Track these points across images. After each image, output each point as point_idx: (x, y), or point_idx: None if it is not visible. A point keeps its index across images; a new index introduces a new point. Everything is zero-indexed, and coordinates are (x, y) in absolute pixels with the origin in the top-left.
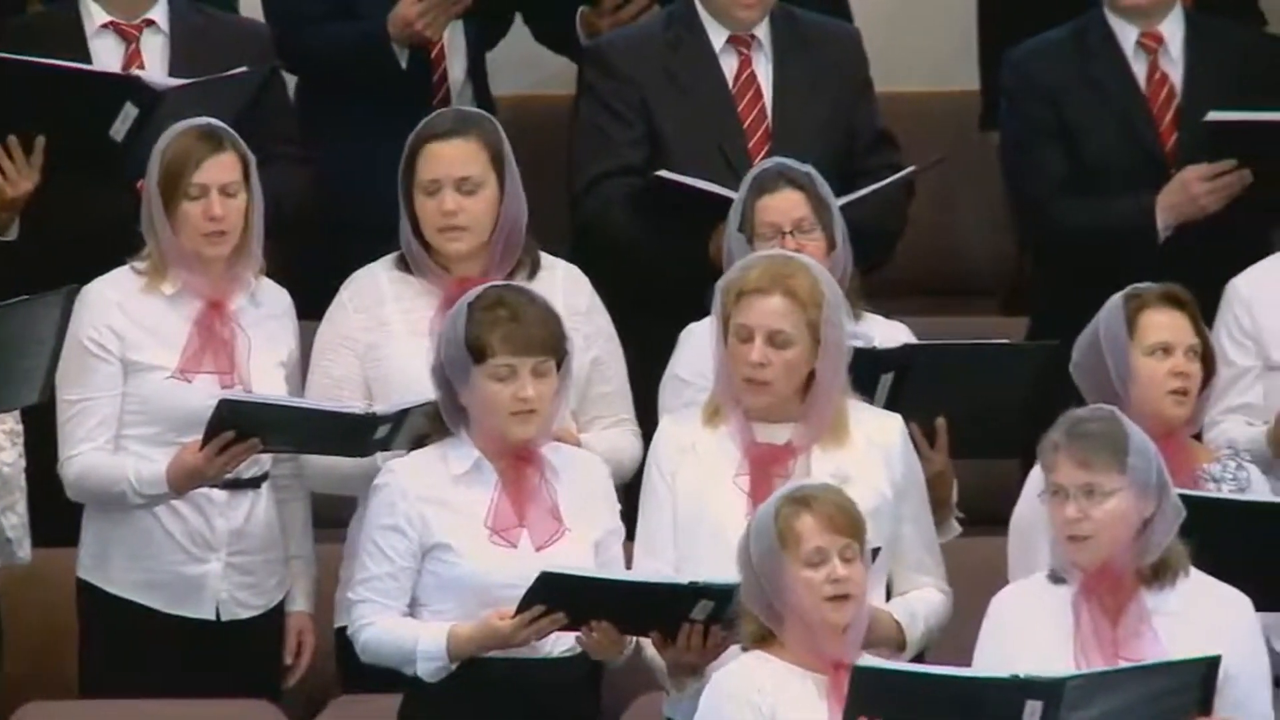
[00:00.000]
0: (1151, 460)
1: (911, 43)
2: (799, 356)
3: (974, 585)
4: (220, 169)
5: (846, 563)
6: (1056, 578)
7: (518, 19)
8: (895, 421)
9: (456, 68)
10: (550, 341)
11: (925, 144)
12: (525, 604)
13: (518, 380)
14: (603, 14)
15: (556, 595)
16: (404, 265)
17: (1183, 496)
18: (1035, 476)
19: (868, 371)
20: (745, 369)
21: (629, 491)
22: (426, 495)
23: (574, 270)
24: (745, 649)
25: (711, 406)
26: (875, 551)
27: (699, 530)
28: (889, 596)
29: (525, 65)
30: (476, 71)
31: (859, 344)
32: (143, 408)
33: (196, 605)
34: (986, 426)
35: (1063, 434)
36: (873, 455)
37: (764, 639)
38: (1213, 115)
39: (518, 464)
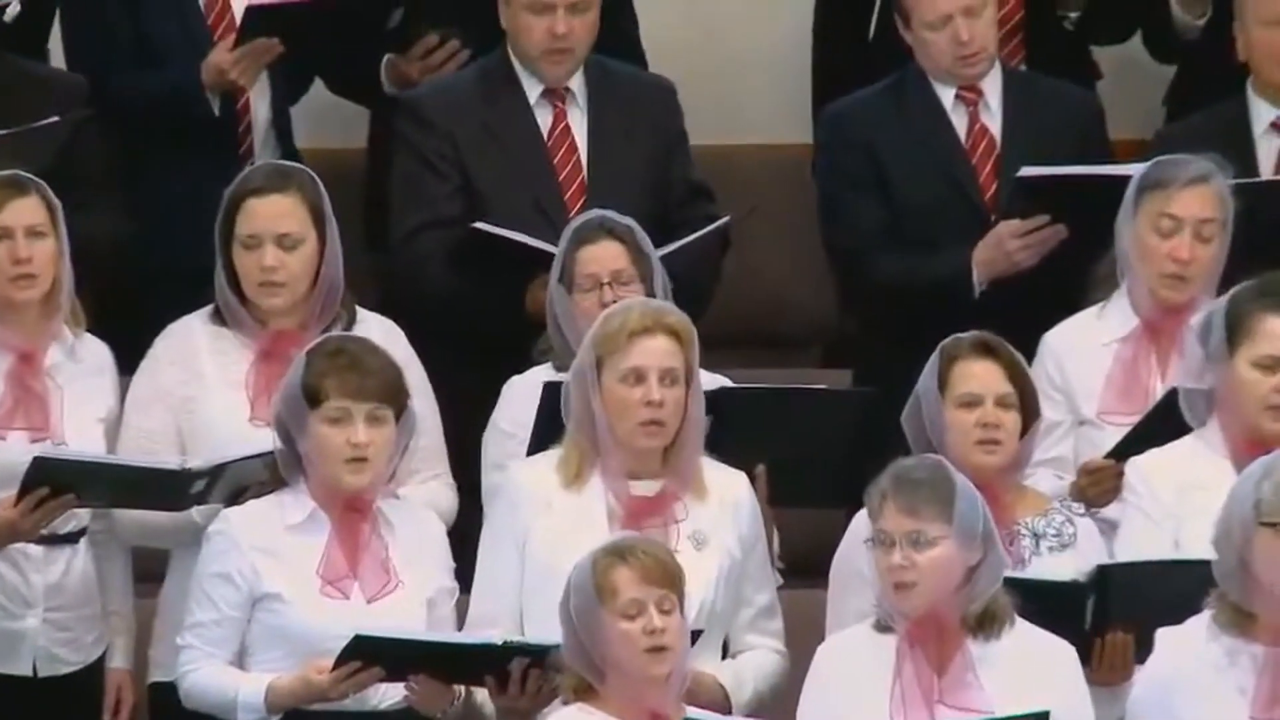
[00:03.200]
0: (978, 510)
1: (747, 97)
2: (682, 397)
3: (797, 637)
4: (24, 211)
5: (664, 614)
6: (882, 626)
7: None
8: (743, 479)
9: (261, 116)
10: (387, 390)
11: (758, 198)
12: (340, 663)
13: (352, 425)
14: (411, 60)
15: (372, 655)
16: (219, 318)
17: None
18: (855, 525)
19: None
20: (643, 412)
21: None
22: (259, 544)
23: (389, 324)
24: (566, 702)
25: (574, 465)
26: (696, 634)
27: (552, 589)
28: (724, 655)
29: (315, 119)
30: (281, 121)
31: None
32: None
33: (14, 661)
34: (809, 475)
35: (890, 481)
36: (725, 514)
37: (584, 691)
38: (1025, 171)
39: (350, 515)
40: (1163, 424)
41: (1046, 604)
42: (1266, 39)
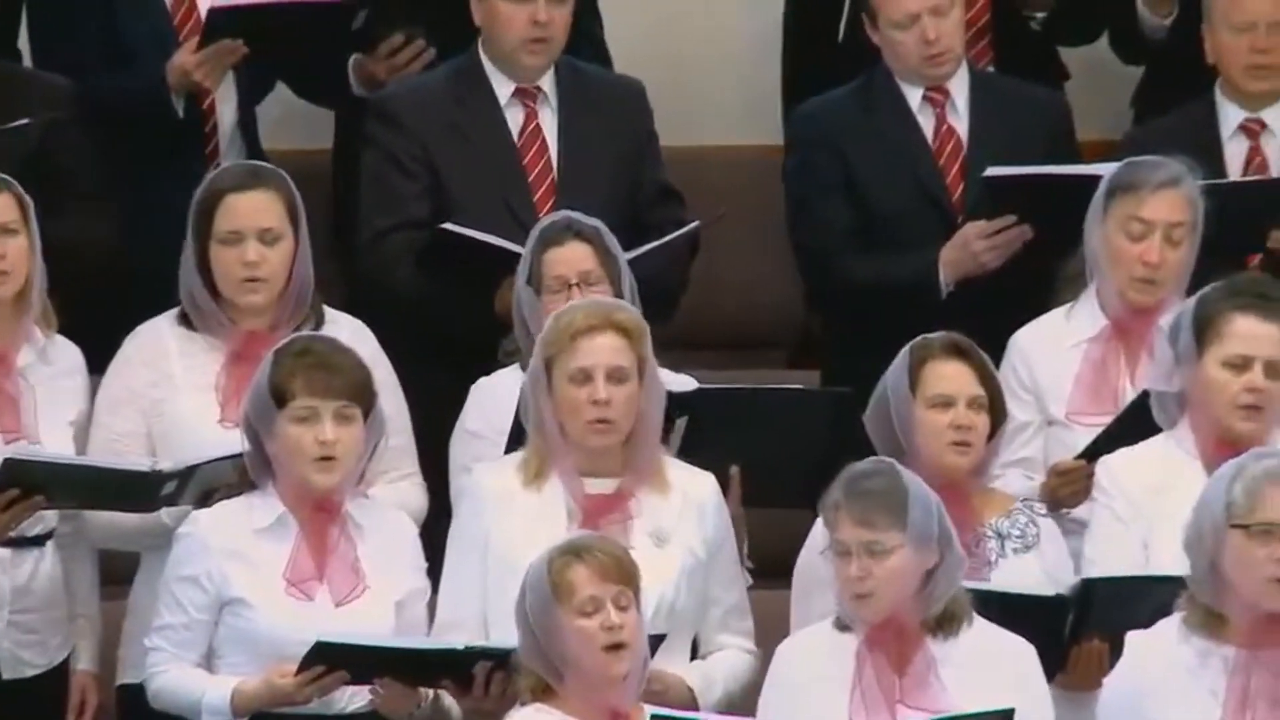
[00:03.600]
0: (933, 513)
1: (715, 98)
2: (634, 393)
3: (767, 637)
4: None
5: (621, 610)
6: (842, 625)
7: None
8: (709, 479)
9: (227, 119)
10: (354, 388)
11: (725, 199)
12: (304, 668)
13: (319, 424)
14: (378, 60)
15: (334, 661)
16: (186, 321)
17: None
18: (815, 532)
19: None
20: (590, 411)
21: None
22: (227, 548)
23: (357, 324)
24: (524, 703)
25: (534, 465)
26: (659, 639)
27: (515, 588)
28: (694, 655)
29: (280, 120)
30: (247, 122)
31: None
32: None
33: None
34: (782, 476)
35: (842, 491)
36: (688, 513)
37: (543, 691)
38: (991, 171)
39: (319, 516)
40: (1135, 426)
41: (1027, 617)
42: (1236, 44)
